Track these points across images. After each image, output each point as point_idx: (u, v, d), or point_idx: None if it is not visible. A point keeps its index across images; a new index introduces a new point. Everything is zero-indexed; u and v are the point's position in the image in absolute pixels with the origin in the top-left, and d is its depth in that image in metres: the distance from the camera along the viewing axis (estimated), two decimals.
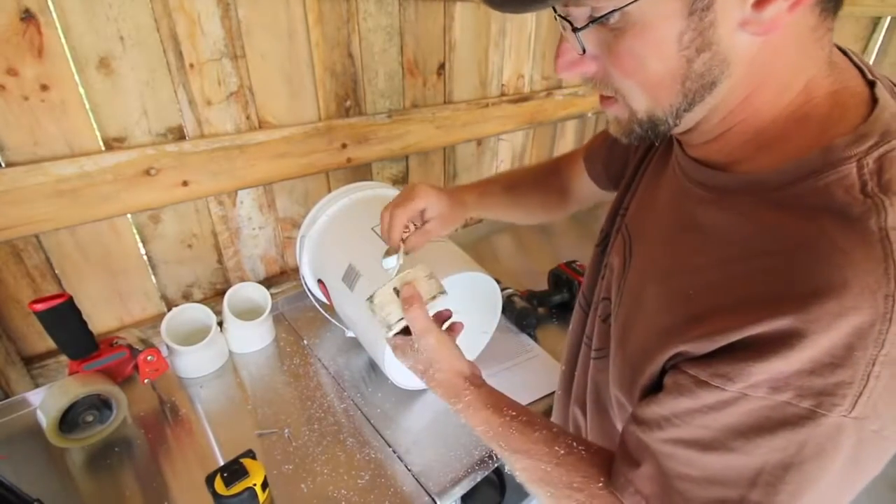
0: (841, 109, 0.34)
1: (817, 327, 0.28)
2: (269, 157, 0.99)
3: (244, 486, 0.61)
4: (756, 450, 0.32)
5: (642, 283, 0.45)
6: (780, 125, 0.35)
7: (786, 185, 0.33)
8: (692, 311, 0.36)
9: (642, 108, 0.37)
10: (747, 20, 0.30)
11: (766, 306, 0.30)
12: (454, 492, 0.71)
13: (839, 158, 0.31)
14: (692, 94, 0.34)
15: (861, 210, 0.29)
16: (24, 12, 0.69)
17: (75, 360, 0.76)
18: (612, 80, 0.36)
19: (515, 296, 1.07)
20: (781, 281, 0.31)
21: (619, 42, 0.33)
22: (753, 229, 0.34)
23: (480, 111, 1.37)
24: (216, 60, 0.87)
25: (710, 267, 0.36)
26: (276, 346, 0.99)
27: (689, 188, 0.42)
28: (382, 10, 1.06)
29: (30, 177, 0.75)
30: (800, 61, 0.34)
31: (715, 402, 0.33)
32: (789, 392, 0.30)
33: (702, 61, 0.32)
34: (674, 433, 0.36)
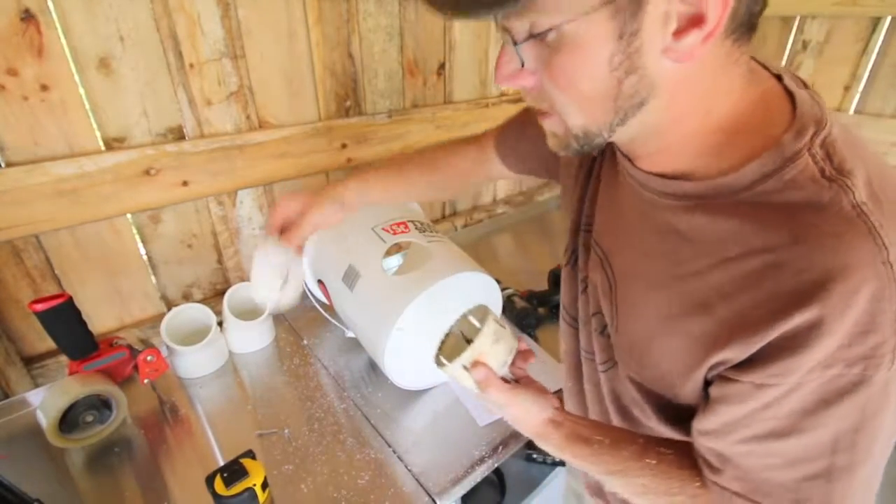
0: (771, 109, 0.37)
1: (839, 308, 0.32)
2: (269, 157, 0.99)
3: (244, 486, 0.61)
4: (826, 423, 0.35)
5: (637, 293, 0.46)
6: (724, 134, 0.38)
7: (752, 185, 0.36)
8: (717, 317, 0.38)
9: (577, 123, 0.39)
10: (668, 48, 0.33)
11: (790, 302, 0.33)
12: (454, 492, 0.71)
13: (792, 153, 0.35)
14: (623, 112, 0.37)
15: (830, 194, 0.33)
16: (24, 12, 0.69)
17: (75, 361, 0.76)
18: (548, 94, 0.38)
19: (515, 296, 1.07)
20: (793, 275, 0.33)
21: (555, 58, 0.35)
22: (740, 229, 0.37)
23: (480, 111, 1.37)
24: (216, 60, 0.87)
25: (712, 269, 0.38)
26: (276, 347, 0.99)
27: (653, 199, 0.43)
28: (382, 10, 1.06)
29: (30, 177, 0.74)
30: (722, 81, 0.37)
31: (777, 395, 0.36)
32: (839, 365, 0.33)
33: (630, 83, 0.35)
34: (745, 433, 0.39)
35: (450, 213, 1.51)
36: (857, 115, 1.33)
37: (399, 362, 0.80)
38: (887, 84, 1.30)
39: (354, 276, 0.81)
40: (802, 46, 1.39)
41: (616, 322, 0.49)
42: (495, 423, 0.81)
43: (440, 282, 0.74)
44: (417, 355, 0.82)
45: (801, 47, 1.40)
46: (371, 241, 0.82)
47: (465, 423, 0.81)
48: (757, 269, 0.35)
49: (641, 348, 0.46)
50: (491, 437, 0.78)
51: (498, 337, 0.52)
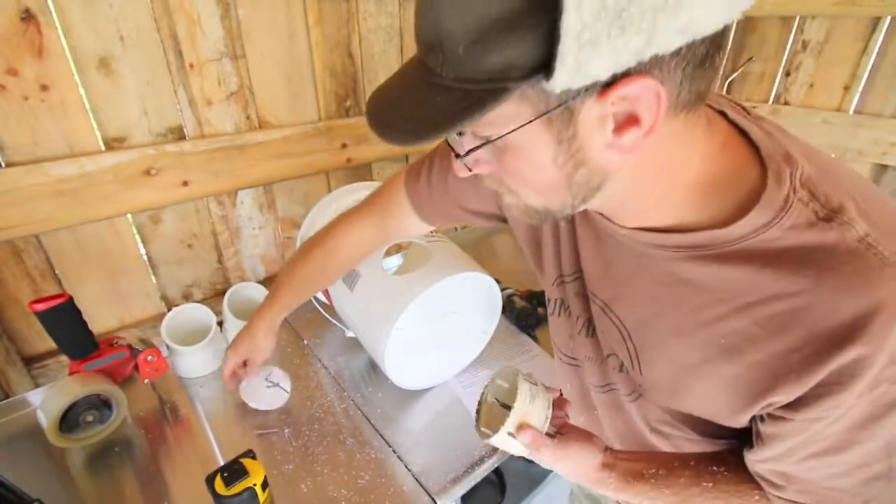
0: (736, 154, 0.38)
1: (878, 342, 0.33)
2: (269, 157, 0.99)
3: (244, 485, 0.61)
4: (878, 433, 0.37)
5: (656, 341, 0.47)
6: (700, 188, 0.39)
7: (748, 236, 0.37)
8: (749, 360, 0.39)
9: (537, 204, 0.40)
10: (611, 144, 0.34)
11: (831, 343, 0.34)
12: (454, 492, 0.71)
13: (782, 202, 0.35)
14: (581, 196, 0.38)
15: (835, 235, 0.34)
16: (24, 12, 0.69)
17: (75, 360, 0.76)
18: (504, 182, 0.40)
19: (515, 296, 1.07)
20: (824, 318, 0.35)
21: (503, 157, 0.37)
22: (754, 275, 0.37)
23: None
24: (216, 60, 0.87)
25: (732, 315, 0.39)
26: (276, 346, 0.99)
27: (649, 251, 0.44)
28: (382, 10, 1.06)
29: (30, 177, 0.75)
30: (684, 148, 0.37)
31: (829, 422, 0.37)
32: (884, 384, 0.35)
33: (581, 175, 0.36)
34: (803, 453, 0.40)
35: None
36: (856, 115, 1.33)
37: (399, 362, 0.80)
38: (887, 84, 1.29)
39: (354, 276, 0.81)
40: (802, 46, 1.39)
41: (639, 367, 0.50)
42: None
43: (440, 282, 0.74)
44: (417, 355, 0.82)
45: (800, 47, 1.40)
46: None
47: (465, 423, 0.81)
48: (782, 312, 0.36)
49: (673, 390, 0.47)
50: None
51: (533, 394, 0.51)
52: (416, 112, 0.34)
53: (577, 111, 0.32)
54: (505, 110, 0.32)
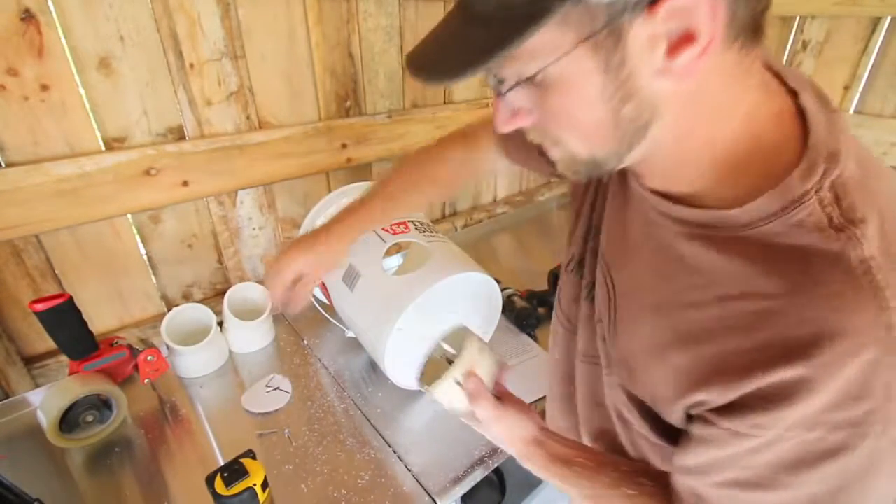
0: (784, 134, 0.35)
1: (829, 371, 0.30)
2: (270, 157, 0.99)
3: (244, 485, 0.61)
4: (803, 483, 0.34)
5: (634, 311, 0.45)
6: (734, 157, 0.36)
7: (756, 222, 0.34)
8: (702, 354, 0.37)
9: (583, 152, 0.38)
10: (663, 69, 0.31)
11: (778, 355, 0.32)
12: (454, 492, 0.71)
13: (799, 195, 0.32)
14: (628, 138, 0.36)
15: (839, 246, 0.31)
16: (24, 12, 0.69)
17: (75, 361, 0.76)
18: (548, 131, 0.38)
19: (515, 296, 1.07)
20: (786, 327, 0.32)
21: (547, 98, 0.35)
22: (743, 268, 0.35)
23: (480, 111, 1.37)
24: (216, 60, 0.88)
25: (708, 305, 0.37)
26: (276, 346, 0.99)
27: (659, 220, 0.42)
28: (382, 10, 1.06)
29: (30, 177, 0.75)
30: (732, 94, 0.34)
31: (754, 446, 0.34)
32: (821, 428, 0.31)
33: (629, 109, 0.33)
34: (723, 476, 0.38)
35: (450, 213, 1.51)
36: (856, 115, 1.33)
37: (399, 362, 0.80)
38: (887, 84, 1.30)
39: (355, 276, 0.81)
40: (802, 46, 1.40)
41: (613, 334, 0.49)
42: None
43: (441, 282, 0.74)
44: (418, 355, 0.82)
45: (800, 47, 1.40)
46: (371, 241, 0.82)
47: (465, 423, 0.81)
48: (751, 313, 0.34)
49: (632, 365, 0.46)
50: None
51: (481, 348, 0.53)
52: (452, 49, 0.33)
53: (625, 32, 0.29)
54: (545, 38, 0.30)
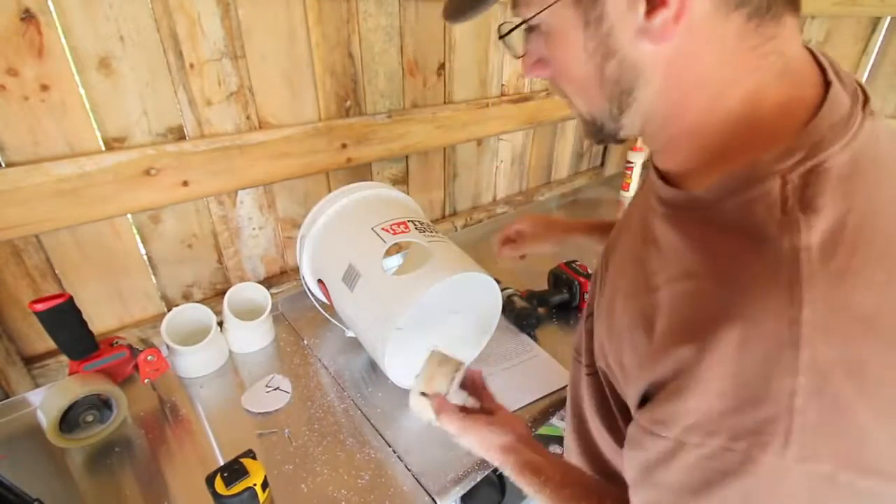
0: (786, 122, 0.32)
1: (719, 357, 0.28)
2: (269, 157, 0.99)
3: (244, 485, 0.61)
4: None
5: (612, 298, 0.45)
6: (724, 138, 0.34)
7: (716, 201, 0.33)
8: (639, 357, 0.36)
9: (583, 109, 0.40)
10: (642, 29, 0.32)
11: (678, 337, 0.30)
12: (454, 492, 0.71)
13: (764, 174, 0.30)
14: (616, 99, 0.36)
15: (777, 230, 0.28)
16: (24, 12, 0.69)
17: (75, 360, 0.76)
18: (559, 84, 0.41)
19: (515, 296, 1.07)
20: (694, 308, 0.30)
21: (547, 48, 0.38)
22: (689, 249, 0.34)
23: (480, 111, 1.37)
24: (216, 60, 0.88)
25: (662, 288, 0.35)
26: (276, 346, 0.99)
27: (652, 203, 0.42)
28: (382, 10, 1.06)
29: (30, 177, 0.75)
30: (730, 70, 0.33)
31: (660, 453, 0.32)
32: (722, 435, 0.28)
33: (611, 68, 0.35)
34: (646, 496, 0.36)
35: (450, 213, 1.51)
36: None
37: (399, 362, 0.80)
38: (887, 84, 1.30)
39: (354, 276, 0.81)
40: None
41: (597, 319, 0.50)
42: None
43: (441, 282, 0.74)
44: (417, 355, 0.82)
45: None
46: (371, 241, 0.82)
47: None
48: (679, 294, 0.32)
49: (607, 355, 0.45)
50: None
51: (441, 361, 0.58)
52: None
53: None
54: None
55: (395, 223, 0.85)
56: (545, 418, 0.83)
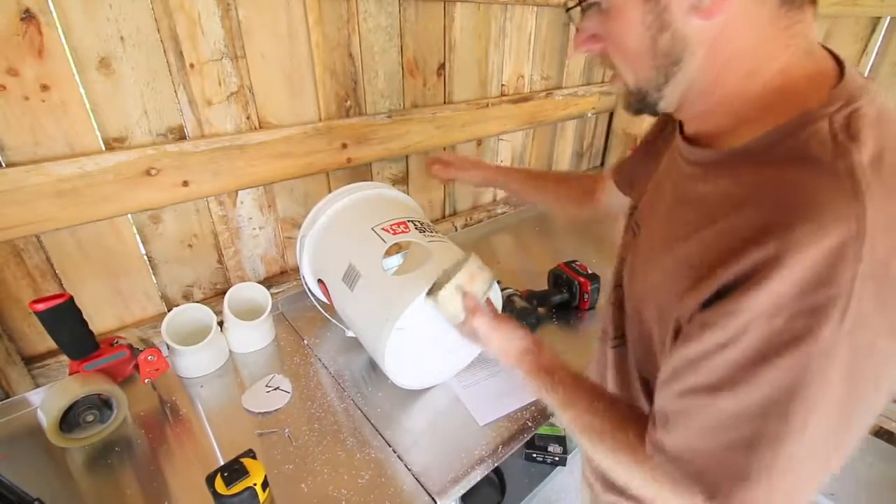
0: (816, 87, 0.38)
1: (797, 249, 0.32)
2: (270, 157, 0.99)
3: (244, 485, 0.61)
4: (763, 379, 0.34)
5: (648, 258, 0.49)
6: (761, 104, 0.40)
7: (770, 147, 0.38)
8: (696, 271, 0.39)
9: (630, 80, 0.44)
10: (694, 6, 0.37)
11: (751, 240, 0.34)
12: (454, 491, 0.71)
13: (813, 118, 0.36)
14: (664, 69, 0.41)
15: (832, 156, 0.34)
16: (24, 12, 0.69)
17: (76, 360, 0.76)
18: (609, 56, 0.45)
19: (515, 296, 1.07)
20: (762, 218, 0.35)
21: (606, 23, 0.43)
22: (739, 189, 0.38)
23: (480, 111, 1.37)
24: (216, 61, 0.88)
25: (705, 229, 0.40)
26: (276, 346, 0.99)
27: (683, 167, 0.47)
28: (382, 11, 1.06)
29: (30, 177, 0.75)
30: (765, 47, 0.39)
31: (721, 341, 0.36)
32: (784, 315, 0.33)
33: (664, 40, 0.40)
34: (686, 383, 0.39)
35: (450, 213, 1.51)
36: None
37: (399, 362, 0.80)
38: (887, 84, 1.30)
39: (354, 276, 0.81)
40: None
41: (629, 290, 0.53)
42: (495, 423, 0.81)
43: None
44: (417, 355, 0.82)
45: None
46: (371, 241, 0.83)
47: (465, 422, 0.81)
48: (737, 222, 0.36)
49: (640, 304, 0.50)
50: (491, 437, 0.78)
51: (480, 266, 0.62)
52: None
53: None
54: None
55: (395, 223, 0.85)
56: (545, 418, 0.83)
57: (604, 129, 1.96)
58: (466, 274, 0.60)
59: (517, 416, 0.82)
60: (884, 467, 1.58)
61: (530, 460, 1.39)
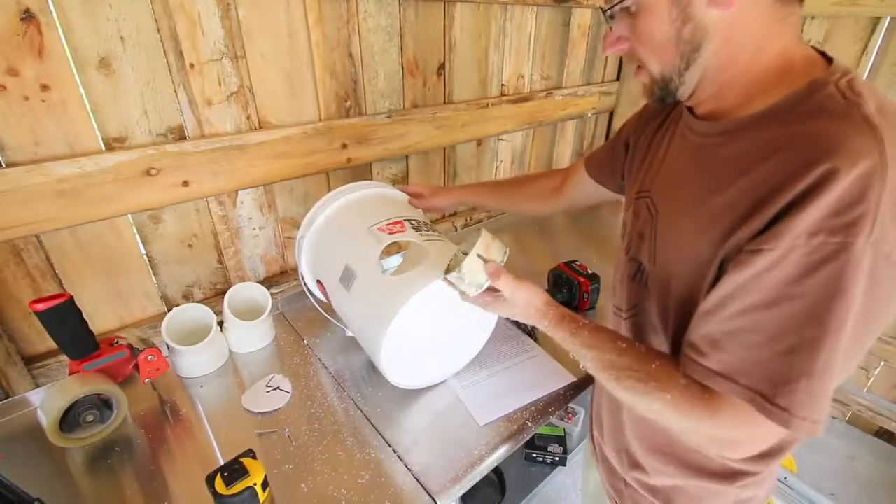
0: (813, 65, 0.47)
1: (848, 163, 0.38)
2: (270, 157, 0.99)
3: (244, 485, 0.61)
4: (806, 290, 0.40)
5: (675, 223, 0.55)
6: (769, 78, 0.48)
7: (788, 109, 0.45)
8: (737, 213, 0.45)
9: (656, 69, 0.52)
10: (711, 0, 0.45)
11: (811, 164, 0.39)
12: (454, 491, 0.71)
13: (821, 84, 0.44)
14: (686, 55, 0.49)
15: (845, 108, 0.42)
16: (24, 12, 0.69)
17: (76, 360, 0.76)
18: (636, 52, 0.53)
19: None
20: (807, 151, 0.40)
21: (636, 23, 0.50)
22: (769, 140, 0.45)
23: (480, 111, 1.37)
24: (216, 61, 0.88)
25: (740, 179, 0.46)
26: (276, 346, 0.99)
27: (703, 142, 0.54)
28: (382, 11, 1.07)
29: (30, 177, 0.75)
30: (766, 32, 0.47)
31: (769, 263, 0.41)
32: (822, 233, 0.39)
33: (687, 30, 0.48)
34: (737, 305, 0.44)
35: (450, 213, 1.51)
36: None
37: (396, 362, 0.80)
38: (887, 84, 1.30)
39: (351, 277, 0.81)
40: None
41: (654, 257, 0.57)
42: (495, 423, 0.81)
43: (437, 281, 0.74)
44: (415, 355, 0.82)
45: None
46: (367, 242, 0.82)
47: (465, 422, 0.81)
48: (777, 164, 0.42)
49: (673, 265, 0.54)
50: (491, 437, 0.78)
51: (492, 237, 0.67)
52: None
53: None
54: None
55: (392, 223, 0.85)
56: (545, 417, 0.83)
57: (604, 129, 1.96)
58: (483, 244, 0.66)
59: (517, 416, 0.82)
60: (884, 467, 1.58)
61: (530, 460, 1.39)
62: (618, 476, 0.72)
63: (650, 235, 0.59)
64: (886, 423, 1.59)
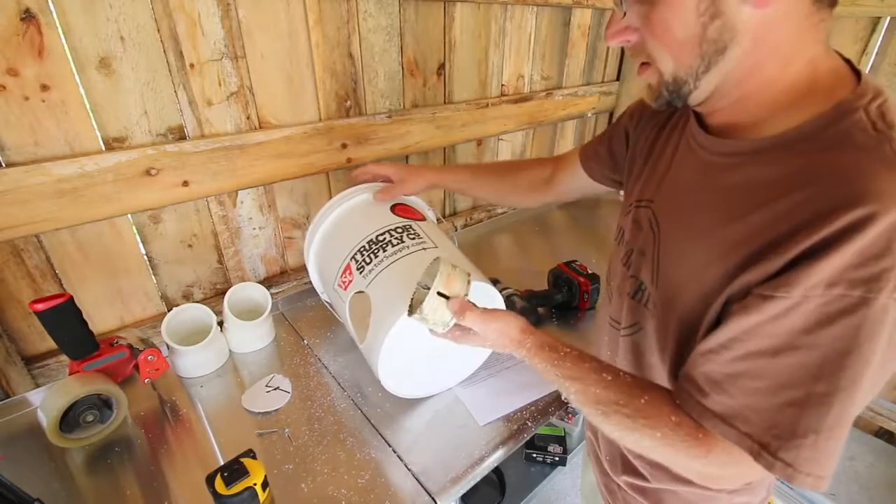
0: (840, 81, 0.42)
1: (878, 210, 0.34)
2: (270, 157, 0.99)
3: (244, 485, 0.61)
4: (819, 342, 0.37)
5: (680, 247, 0.51)
6: (792, 94, 0.43)
7: (811, 136, 0.41)
8: (750, 250, 0.41)
9: (668, 69, 0.45)
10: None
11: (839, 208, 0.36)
12: (454, 491, 0.71)
13: (850, 109, 0.39)
14: (708, 57, 0.43)
15: (876, 142, 0.37)
16: (24, 12, 0.69)
17: (76, 360, 0.76)
18: (646, 46, 0.46)
19: (515, 296, 1.07)
20: (833, 192, 0.37)
21: (652, 12, 0.43)
22: (791, 172, 0.40)
23: (480, 111, 1.37)
24: (216, 61, 0.88)
25: (757, 212, 0.42)
26: (276, 346, 0.99)
27: (712, 160, 0.49)
28: (382, 11, 1.06)
29: (30, 177, 0.75)
30: (798, 40, 0.42)
31: (781, 310, 0.38)
32: (842, 285, 0.36)
33: (714, 27, 0.41)
34: (742, 349, 0.41)
35: (450, 213, 1.51)
36: None
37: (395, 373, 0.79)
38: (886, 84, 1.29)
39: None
40: None
41: (656, 279, 0.54)
42: (495, 423, 0.81)
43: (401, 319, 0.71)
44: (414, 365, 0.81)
45: None
46: (336, 298, 0.83)
47: (465, 422, 0.81)
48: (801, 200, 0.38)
49: (675, 291, 0.50)
50: (491, 437, 0.78)
51: (454, 265, 0.61)
52: None
53: None
54: None
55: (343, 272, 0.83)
56: (545, 417, 0.83)
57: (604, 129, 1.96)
58: (443, 278, 0.59)
59: (517, 416, 0.82)
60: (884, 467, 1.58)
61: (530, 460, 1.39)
62: (610, 477, 0.72)
63: (653, 255, 0.55)
64: (886, 423, 1.59)
